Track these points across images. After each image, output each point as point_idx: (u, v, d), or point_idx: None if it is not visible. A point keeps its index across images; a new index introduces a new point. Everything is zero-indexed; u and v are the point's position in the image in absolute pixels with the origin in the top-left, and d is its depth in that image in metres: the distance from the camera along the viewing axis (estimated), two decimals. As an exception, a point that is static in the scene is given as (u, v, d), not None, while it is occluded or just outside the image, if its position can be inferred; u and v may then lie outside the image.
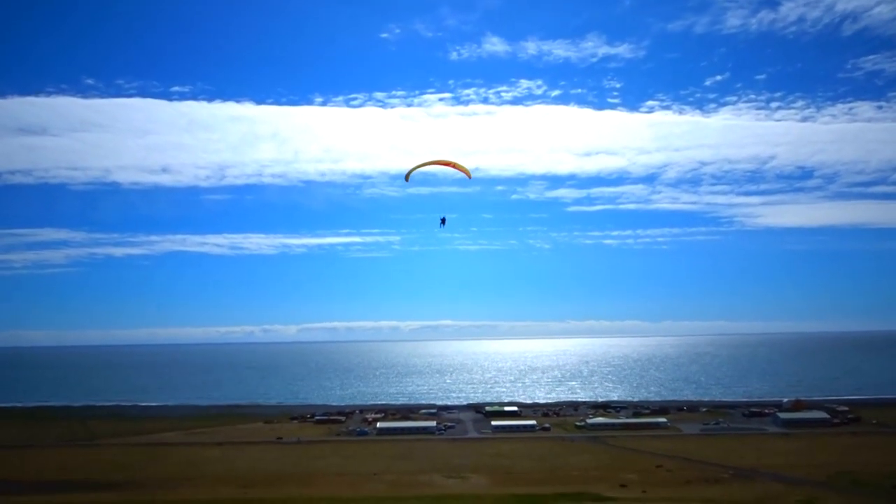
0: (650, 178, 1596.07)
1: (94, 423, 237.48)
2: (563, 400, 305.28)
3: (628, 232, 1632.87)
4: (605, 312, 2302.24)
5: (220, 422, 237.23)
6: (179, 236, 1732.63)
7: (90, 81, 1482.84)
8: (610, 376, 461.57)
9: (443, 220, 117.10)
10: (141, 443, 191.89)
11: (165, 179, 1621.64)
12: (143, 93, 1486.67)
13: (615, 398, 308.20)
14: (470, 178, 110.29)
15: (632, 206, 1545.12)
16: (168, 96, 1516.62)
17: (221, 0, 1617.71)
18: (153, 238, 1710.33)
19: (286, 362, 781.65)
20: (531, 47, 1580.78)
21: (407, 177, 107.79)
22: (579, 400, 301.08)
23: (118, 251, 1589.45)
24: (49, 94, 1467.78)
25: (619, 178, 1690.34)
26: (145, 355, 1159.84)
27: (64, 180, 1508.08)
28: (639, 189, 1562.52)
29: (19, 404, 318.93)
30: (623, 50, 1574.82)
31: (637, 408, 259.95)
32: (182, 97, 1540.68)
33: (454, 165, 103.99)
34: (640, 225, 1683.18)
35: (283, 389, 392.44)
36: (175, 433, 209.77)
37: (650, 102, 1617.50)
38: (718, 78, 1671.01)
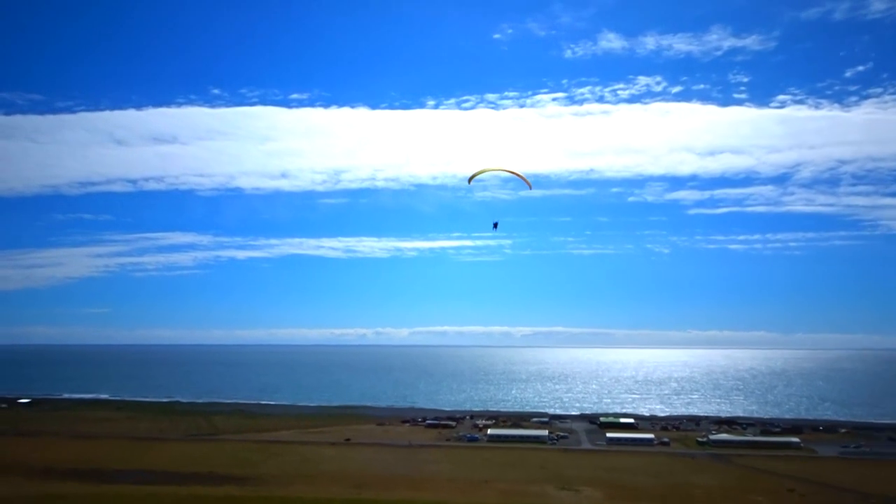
0: (781, 179, 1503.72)
1: (217, 419, 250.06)
2: (683, 413, 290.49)
3: (756, 236, 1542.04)
4: (730, 322, 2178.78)
5: (334, 422, 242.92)
6: (297, 240, 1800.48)
7: (216, 91, 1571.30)
8: (735, 390, 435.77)
9: (495, 225, 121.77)
10: (260, 440, 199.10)
11: (284, 185, 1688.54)
12: (264, 101, 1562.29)
13: (741, 414, 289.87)
14: (531, 188, 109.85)
15: (760, 209, 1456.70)
16: (287, 104, 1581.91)
17: (339, 10, 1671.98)
18: (272, 241, 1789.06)
19: (398, 365, 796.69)
20: (650, 42, 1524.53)
21: (470, 180, 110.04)
22: (701, 414, 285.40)
23: (241, 254, 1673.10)
24: (179, 104, 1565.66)
25: (747, 179, 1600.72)
26: (264, 354, 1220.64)
27: (192, 186, 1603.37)
28: (768, 190, 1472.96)
29: (150, 399, 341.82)
30: (751, 41, 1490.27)
31: (766, 425, 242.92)
32: (300, 104, 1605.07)
33: (515, 174, 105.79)
34: (770, 229, 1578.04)
35: (394, 392, 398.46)
36: (292, 431, 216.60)
37: (781, 97, 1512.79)
38: (860, 68, 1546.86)
